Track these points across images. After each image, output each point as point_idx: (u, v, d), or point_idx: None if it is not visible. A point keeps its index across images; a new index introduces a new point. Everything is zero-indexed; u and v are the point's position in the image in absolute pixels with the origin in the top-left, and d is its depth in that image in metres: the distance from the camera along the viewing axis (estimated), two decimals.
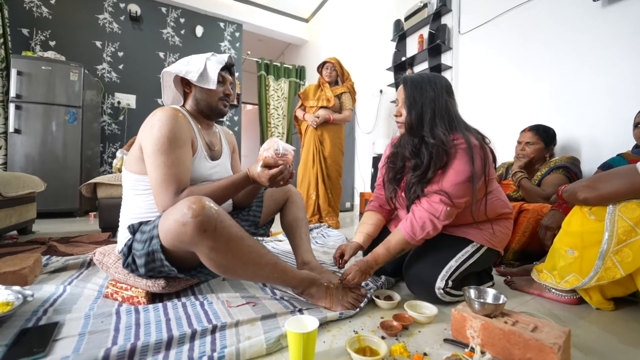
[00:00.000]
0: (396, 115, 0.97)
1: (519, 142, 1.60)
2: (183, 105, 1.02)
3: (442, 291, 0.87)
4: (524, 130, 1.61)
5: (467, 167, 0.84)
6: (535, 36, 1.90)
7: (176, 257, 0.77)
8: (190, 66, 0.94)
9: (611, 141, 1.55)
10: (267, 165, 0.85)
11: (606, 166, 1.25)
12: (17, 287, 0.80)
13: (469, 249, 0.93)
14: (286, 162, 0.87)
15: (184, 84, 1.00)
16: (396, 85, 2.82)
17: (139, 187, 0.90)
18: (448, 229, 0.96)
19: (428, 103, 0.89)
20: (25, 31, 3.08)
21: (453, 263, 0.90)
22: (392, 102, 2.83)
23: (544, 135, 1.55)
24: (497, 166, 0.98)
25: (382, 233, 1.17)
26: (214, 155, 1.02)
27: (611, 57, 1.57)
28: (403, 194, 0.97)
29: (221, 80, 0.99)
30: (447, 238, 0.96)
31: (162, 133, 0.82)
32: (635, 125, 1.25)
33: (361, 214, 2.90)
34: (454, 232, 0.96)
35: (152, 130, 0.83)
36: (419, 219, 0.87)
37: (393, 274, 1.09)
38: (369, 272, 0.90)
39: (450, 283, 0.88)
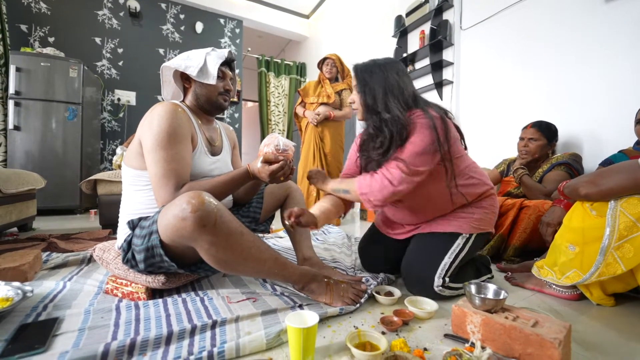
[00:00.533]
0: (351, 103, 0.98)
1: (522, 139, 1.59)
2: (183, 101, 1.01)
3: (440, 287, 0.88)
4: (526, 127, 1.60)
5: (425, 138, 0.83)
6: (537, 32, 1.89)
7: (176, 252, 0.77)
8: (190, 61, 0.94)
9: (613, 137, 1.54)
10: (267, 161, 0.85)
11: (607, 162, 1.25)
12: (16, 283, 0.80)
13: (460, 242, 0.93)
14: (286, 158, 0.86)
15: (184, 79, 0.99)
16: None
17: (139, 183, 0.89)
18: (434, 226, 0.96)
19: (378, 82, 0.90)
20: (23, 27, 3.06)
21: (447, 260, 0.90)
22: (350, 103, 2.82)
23: (547, 131, 1.54)
24: (464, 143, 0.97)
25: (375, 234, 1.16)
26: (214, 151, 1.02)
27: (613, 52, 1.55)
28: None
29: (221, 76, 0.98)
30: (437, 236, 0.95)
31: (161, 128, 0.81)
32: (637, 122, 1.24)
33: (362, 210, 2.89)
34: (440, 228, 0.96)
35: (151, 125, 0.82)
36: (378, 180, 0.85)
37: (391, 271, 1.10)
38: (320, 180, 1.02)
39: (447, 279, 0.89)
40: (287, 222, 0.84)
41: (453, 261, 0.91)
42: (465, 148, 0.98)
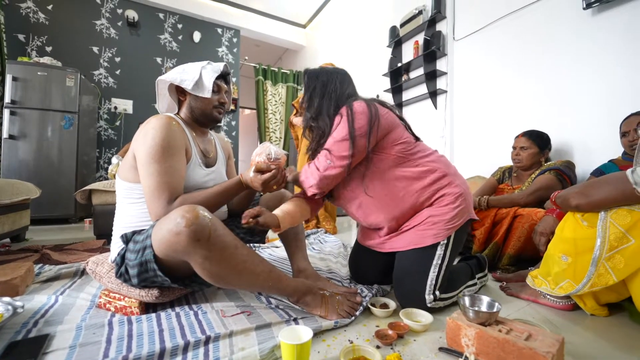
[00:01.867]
0: (301, 104, 1.04)
1: (514, 148, 1.63)
2: (177, 113, 1.02)
3: (433, 302, 0.88)
4: (517, 136, 1.64)
5: (343, 129, 0.88)
6: (528, 42, 1.93)
7: (170, 266, 0.77)
8: (186, 74, 0.95)
9: (603, 146, 1.57)
10: (259, 170, 0.85)
11: (598, 172, 1.27)
12: (7, 298, 0.78)
13: (440, 252, 0.90)
14: (278, 167, 0.87)
15: (179, 92, 1.00)
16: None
17: (133, 196, 0.89)
18: (408, 240, 0.93)
19: (319, 88, 0.98)
20: (21, 37, 3.08)
21: (432, 275, 0.88)
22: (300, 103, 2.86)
23: (538, 139, 1.57)
24: (410, 131, 1.00)
25: (360, 248, 1.14)
26: (208, 163, 1.02)
27: (603, 63, 1.59)
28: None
29: (216, 89, 0.99)
30: (416, 253, 0.91)
31: (155, 141, 0.82)
32: (622, 135, 1.27)
33: None
34: (416, 243, 0.92)
35: (145, 139, 0.83)
36: (311, 167, 0.94)
37: (382, 282, 1.09)
38: (273, 222, 0.94)
39: (437, 293, 0.88)
40: (244, 224, 0.83)
41: (438, 274, 0.89)
42: (417, 139, 0.99)
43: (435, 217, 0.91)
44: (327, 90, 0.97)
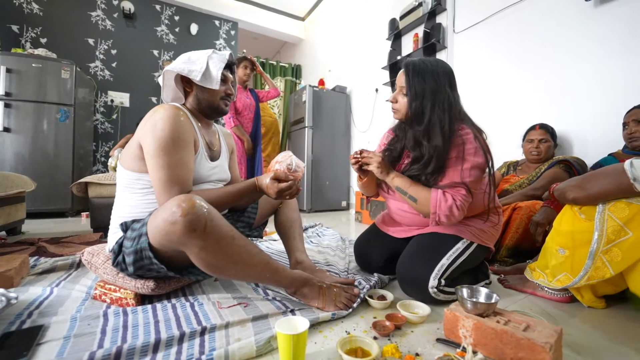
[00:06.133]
0: (391, 102, 0.97)
1: (531, 140, 1.58)
2: (184, 104, 1.00)
3: (435, 290, 0.87)
4: (533, 128, 1.60)
5: (479, 158, 0.87)
6: (529, 35, 1.91)
7: (166, 256, 0.76)
8: (193, 65, 0.92)
9: (604, 139, 1.56)
10: (277, 178, 0.85)
11: (598, 166, 1.26)
12: (1, 290, 0.77)
13: (460, 246, 0.93)
14: (296, 178, 0.87)
15: (185, 83, 0.97)
16: (397, 69, 2.81)
17: (136, 186, 0.87)
18: (434, 228, 0.97)
19: (429, 95, 0.89)
20: (15, 28, 3.02)
21: (445, 261, 0.89)
22: (388, 101, 2.84)
23: (552, 133, 1.56)
24: (494, 164, 1.00)
25: (373, 233, 1.16)
26: (213, 156, 1.01)
27: (605, 55, 1.58)
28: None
29: (223, 79, 0.97)
30: (437, 236, 0.96)
31: (165, 133, 0.80)
32: (624, 126, 1.26)
33: (357, 212, 2.89)
34: (443, 229, 0.96)
35: (154, 129, 0.80)
36: (450, 204, 0.85)
37: (384, 270, 1.09)
38: (385, 170, 0.92)
39: (443, 282, 0.88)
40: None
41: (451, 263, 0.90)
42: (497, 168, 1.02)
43: (470, 221, 0.97)
44: (437, 98, 0.87)
